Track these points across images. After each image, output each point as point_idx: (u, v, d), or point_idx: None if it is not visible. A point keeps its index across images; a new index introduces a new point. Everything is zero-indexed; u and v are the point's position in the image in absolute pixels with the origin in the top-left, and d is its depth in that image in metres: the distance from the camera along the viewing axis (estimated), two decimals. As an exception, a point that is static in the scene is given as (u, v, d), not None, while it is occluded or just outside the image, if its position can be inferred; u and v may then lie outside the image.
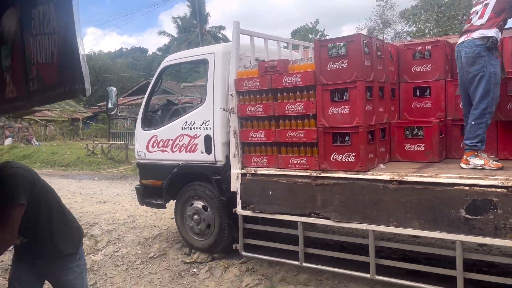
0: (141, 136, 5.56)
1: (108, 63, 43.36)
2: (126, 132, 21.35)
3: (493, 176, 3.14)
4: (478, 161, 3.42)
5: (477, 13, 3.59)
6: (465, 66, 3.55)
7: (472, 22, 3.61)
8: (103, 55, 50.26)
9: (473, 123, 3.51)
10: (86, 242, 6.11)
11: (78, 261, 2.70)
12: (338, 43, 3.74)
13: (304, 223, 4.06)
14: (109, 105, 5.55)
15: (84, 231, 6.40)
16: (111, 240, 6.07)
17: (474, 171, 3.36)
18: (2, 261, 5.33)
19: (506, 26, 3.58)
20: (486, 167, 3.35)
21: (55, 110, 28.77)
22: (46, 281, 2.78)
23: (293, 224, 4.19)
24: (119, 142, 18.00)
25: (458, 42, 3.67)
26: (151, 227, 6.46)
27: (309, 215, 3.95)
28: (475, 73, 3.47)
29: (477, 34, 3.48)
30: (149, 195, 5.65)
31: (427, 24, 27.86)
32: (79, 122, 29.16)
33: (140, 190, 5.72)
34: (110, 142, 17.92)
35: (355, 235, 4.67)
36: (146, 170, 5.61)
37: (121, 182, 11.37)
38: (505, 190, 2.98)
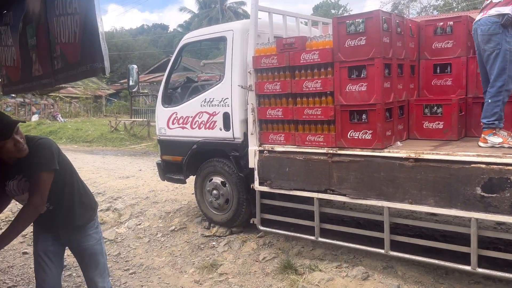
0: (162, 113, 5.68)
1: (130, 40, 43.63)
2: (148, 109, 21.65)
3: (511, 154, 3.11)
4: (496, 139, 3.39)
5: None
6: (481, 44, 3.51)
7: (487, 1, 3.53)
8: (125, 32, 50.59)
9: (489, 101, 3.48)
10: (110, 215, 6.37)
11: (96, 228, 2.87)
12: (356, 20, 3.70)
13: (320, 199, 4.12)
14: (131, 83, 5.67)
15: (108, 205, 6.71)
16: (134, 214, 6.30)
17: (492, 149, 3.33)
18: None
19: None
20: (505, 145, 3.32)
21: (79, 87, 29.36)
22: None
23: (309, 200, 4.27)
24: (141, 119, 18.30)
25: (475, 20, 3.59)
26: (172, 201, 6.65)
27: (325, 192, 4.02)
28: (491, 51, 3.43)
29: (493, 11, 3.42)
30: (170, 170, 5.81)
31: (455, -3, 26.80)
32: (102, 99, 29.71)
33: (161, 166, 5.88)
34: (132, 119, 18.25)
35: (371, 212, 4.72)
36: (166, 146, 5.75)
37: (143, 158, 11.64)
38: (522, 169, 2.96)
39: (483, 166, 3.13)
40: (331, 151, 3.95)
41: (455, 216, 3.67)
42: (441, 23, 4.27)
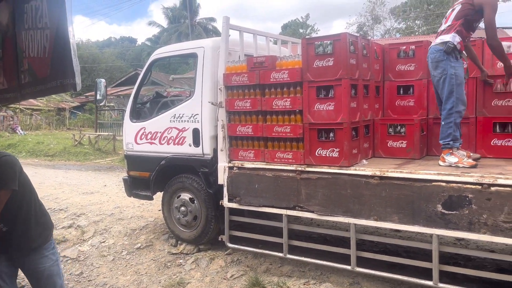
0: (130, 128, 5.60)
1: (96, 52, 42.82)
2: (113, 122, 21.23)
3: (468, 173, 3.28)
4: (452, 159, 3.57)
5: (445, 18, 3.80)
6: (431, 70, 3.80)
7: (440, 27, 3.84)
8: (91, 44, 49.60)
9: (443, 123, 3.72)
10: (72, 232, 6.15)
11: (53, 249, 2.78)
12: (324, 41, 3.83)
13: (288, 216, 4.17)
14: (98, 97, 5.57)
15: (71, 222, 6.49)
16: (98, 231, 6.11)
17: (451, 168, 3.49)
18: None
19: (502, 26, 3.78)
20: (460, 165, 3.49)
21: (41, 99, 28.41)
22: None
23: (278, 217, 4.30)
24: (107, 133, 17.91)
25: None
26: (138, 218, 6.51)
27: (293, 208, 4.06)
28: (439, 77, 3.70)
29: (438, 40, 3.73)
30: (136, 186, 5.70)
31: (416, 21, 28.14)
32: (65, 111, 28.87)
33: (127, 182, 5.76)
34: (98, 133, 17.82)
35: (338, 228, 4.80)
36: (134, 161, 5.66)
37: (108, 173, 11.36)
38: (479, 187, 3.12)
39: (443, 184, 3.28)
40: (300, 168, 4.01)
41: (417, 232, 3.79)
42: (404, 47, 4.48)
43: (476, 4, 3.57)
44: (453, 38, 3.62)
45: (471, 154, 3.87)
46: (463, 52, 3.73)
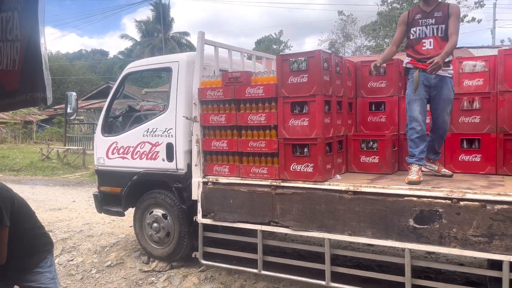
0: (101, 142, 5.48)
1: (66, 64, 41.91)
2: (83, 136, 20.72)
3: (439, 188, 3.36)
4: (409, 173, 3.72)
5: None
6: None
7: None
8: (61, 56, 48.55)
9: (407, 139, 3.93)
10: (39, 250, 5.90)
11: (49, 267, 2.73)
12: (299, 58, 3.89)
13: (263, 232, 4.14)
14: (69, 110, 5.44)
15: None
16: (66, 249, 5.90)
17: (422, 183, 3.58)
18: None
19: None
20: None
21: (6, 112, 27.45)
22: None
23: (252, 233, 4.27)
24: (76, 147, 17.44)
25: None
26: (109, 235, 6.33)
27: (268, 224, 4.05)
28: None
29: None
30: (107, 202, 5.56)
31: (386, 40, 29.02)
32: (33, 124, 27.95)
33: (98, 197, 5.61)
34: (67, 147, 17.33)
35: (312, 243, 4.80)
36: (105, 177, 5.52)
37: (77, 189, 11.02)
38: (449, 201, 3.20)
39: (415, 199, 3.35)
40: (275, 183, 4.01)
41: (390, 246, 3.84)
42: (376, 65, 4.59)
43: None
44: (405, 61, 3.91)
45: (443, 170, 3.97)
46: (419, 69, 3.76)
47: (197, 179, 4.48)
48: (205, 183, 4.41)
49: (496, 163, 3.94)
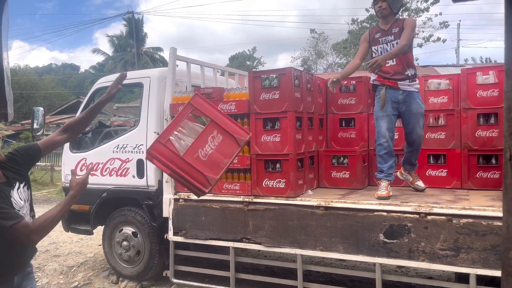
0: (69, 158, 5.33)
1: (35, 78, 40.86)
2: (52, 152, 20.12)
3: (407, 202, 3.44)
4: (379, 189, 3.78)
5: None
6: None
7: None
8: (30, 70, 47.37)
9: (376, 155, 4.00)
10: (0, 272, 5.64)
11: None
12: (270, 75, 3.94)
13: (236, 248, 4.10)
14: (35, 126, 5.25)
15: (-1, 260, 5.95)
16: (30, 270, 5.64)
17: (391, 198, 3.64)
18: None
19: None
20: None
21: (-29, 127, 26.42)
22: None
23: (225, 250, 4.22)
24: (44, 163, 16.89)
25: None
26: (76, 254, 6.12)
27: (240, 240, 4.01)
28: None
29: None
30: (75, 220, 5.38)
31: (356, 57, 29.78)
32: (-2, 140, 26.95)
33: (65, 216, 5.41)
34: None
35: (285, 259, 4.79)
36: (73, 194, 5.34)
37: (44, 207, 10.62)
38: (417, 216, 3.28)
39: (385, 214, 3.40)
40: (247, 200, 4.00)
41: (362, 261, 3.88)
42: (345, 82, 4.70)
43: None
44: (371, 79, 3.99)
45: (417, 182, 4.02)
46: (386, 86, 3.86)
47: (168, 195, 4.41)
48: (176, 200, 4.35)
49: (461, 177, 4.06)
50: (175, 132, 2.98)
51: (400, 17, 4.03)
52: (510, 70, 0.85)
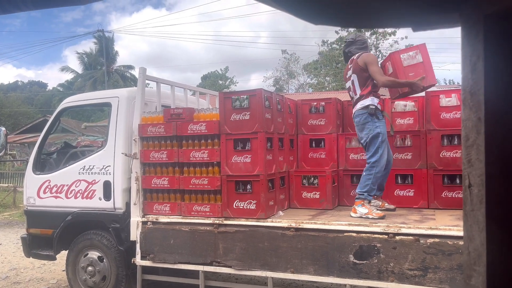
0: (32, 180, 5.12)
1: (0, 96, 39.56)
2: (15, 172, 19.33)
3: (376, 223, 3.47)
4: (363, 210, 3.76)
5: (350, 89, 4.16)
6: (358, 132, 4.06)
7: (351, 96, 4.18)
8: (-6, 87, 45.89)
9: (364, 173, 3.93)
10: (-46, 302, 5.29)
11: None
12: (241, 96, 3.95)
13: (205, 272, 4.01)
14: (-4, 146, 5.06)
15: (-47, 290, 5.59)
16: (-13, 299, 5.33)
17: (361, 219, 3.67)
18: None
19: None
20: (369, 216, 3.69)
21: None
22: None
23: (195, 273, 4.12)
24: (6, 184, 16.19)
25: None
26: (38, 281, 5.82)
27: (210, 264, 3.93)
28: (365, 137, 3.94)
29: (358, 106, 4.01)
30: (37, 245, 5.14)
31: (327, 78, 30.47)
32: (-42, 160, 25.73)
33: (26, 240, 5.18)
34: (-5, 184, 16.04)
35: (256, 282, 4.72)
36: (35, 218, 5.13)
37: (5, 230, 10.14)
38: (386, 236, 3.31)
39: (354, 234, 3.42)
40: (217, 221, 3.94)
41: (332, 283, 3.87)
42: (315, 103, 4.77)
43: (362, 65, 3.99)
44: (372, 101, 3.93)
45: (386, 204, 4.09)
46: (384, 111, 4.05)
47: (136, 218, 4.29)
48: (144, 223, 4.24)
49: (428, 197, 4.15)
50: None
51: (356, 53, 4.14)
52: (467, 99, 0.87)
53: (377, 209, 3.80)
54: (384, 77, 3.90)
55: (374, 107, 3.90)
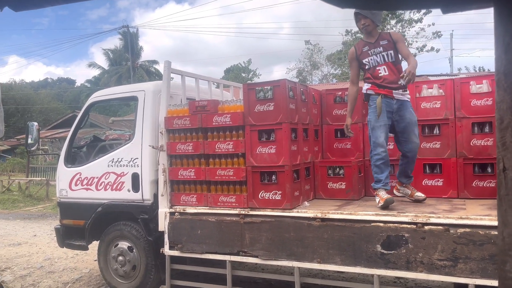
0: (64, 173, 5.29)
1: (31, 93, 40.84)
2: (48, 166, 19.99)
3: (404, 213, 3.42)
4: (376, 199, 3.76)
5: None
6: None
7: None
8: (25, 84, 47.38)
9: (371, 165, 3.97)
10: (-6, 290, 5.55)
11: None
12: (265, 87, 3.94)
13: (232, 262, 4.06)
14: (29, 141, 5.25)
15: (-7, 278, 5.86)
16: (25, 286, 5.56)
17: (388, 209, 3.62)
18: None
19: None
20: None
21: (-35, 142, 26.28)
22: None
23: (222, 263, 4.17)
24: (39, 178, 16.77)
25: None
26: (71, 270, 6.03)
27: (237, 254, 3.97)
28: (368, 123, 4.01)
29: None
30: (70, 236, 5.32)
31: (351, 68, 29.96)
32: (-7, 155, 26.80)
33: (60, 231, 5.37)
34: (29, 178, 16.65)
35: (282, 272, 4.74)
36: (67, 209, 5.31)
37: (39, 222, 10.53)
38: (414, 226, 3.25)
39: (381, 224, 3.38)
40: (243, 212, 3.97)
41: (359, 273, 3.84)
42: (340, 93, 4.72)
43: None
44: (364, 88, 3.99)
45: (416, 193, 4.00)
46: (380, 95, 3.85)
47: (163, 209, 4.38)
48: (172, 214, 4.31)
49: (458, 187, 4.06)
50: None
51: (384, 30, 4.09)
52: (501, 80, 0.85)
53: (385, 195, 3.72)
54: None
55: (365, 93, 3.96)
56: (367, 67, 3.96)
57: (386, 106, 3.83)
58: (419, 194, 3.98)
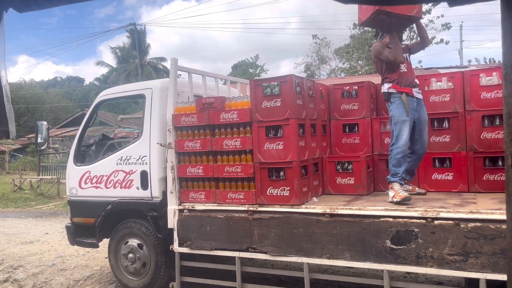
0: (73, 172, 5.34)
1: (40, 92, 41.24)
2: (58, 165, 20.20)
3: (413, 207, 3.39)
4: (390, 193, 3.72)
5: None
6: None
7: None
8: (35, 84, 47.84)
9: (390, 158, 3.92)
10: (8, 287, 5.63)
11: None
12: (272, 83, 3.92)
13: (241, 258, 4.07)
14: (39, 140, 5.30)
15: (7, 275, 5.98)
16: (37, 284, 5.64)
17: (398, 204, 3.59)
18: None
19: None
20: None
21: (-22, 142, 26.63)
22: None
23: (231, 260, 4.18)
24: (50, 176, 16.96)
25: None
26: (83, 267, 6.10)
27: (246, 250, 3.98)
28: (390, 120, 3.98)
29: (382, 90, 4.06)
30: (80, 234, 5.38)
31: (359, 62, 29.74)
32: (5, 154, 27.14)
33: (70, 229, 5.42)
34: (40, 177, 16.84)
35: (292, 268, 4.74)
36: (78, 207, 5.36)
37: (50, 220, 10.66)
38: (424, 221, 3.23)
39: (391, 219, 3.36)
40: (252, 208, 3.97)
41: (369, 268, 3.83)
42: (347, 87, 4.68)
43: (373, 57, 4.07)
44: (384, 87, 3.97)
45: (417, 188, 4.02)
46: (404, 93, 3.88)
47: (172, 206, 4.40)
48: (181, 211, 4.33)
49: (468, 180, 4.01)
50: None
51: None
52: (509, 75, 0.83)
53: (403, 191, 3.69)
54: (389, 53, 3.86)
55: (386, 92, 3.94)
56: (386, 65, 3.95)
57: (410, 104, 3.84)
58: (419, 189, 4.02)
